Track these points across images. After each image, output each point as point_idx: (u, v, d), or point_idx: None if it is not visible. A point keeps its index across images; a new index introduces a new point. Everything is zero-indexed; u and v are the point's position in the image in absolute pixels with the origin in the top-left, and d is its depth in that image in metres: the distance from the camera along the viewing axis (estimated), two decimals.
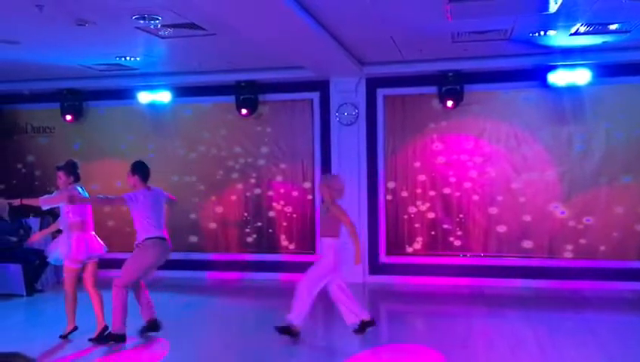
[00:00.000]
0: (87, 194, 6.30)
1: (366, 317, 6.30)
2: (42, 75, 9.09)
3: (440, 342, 6.06)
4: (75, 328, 6.24)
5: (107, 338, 6.09)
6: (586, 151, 8.44)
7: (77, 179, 6.26)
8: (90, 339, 6.09)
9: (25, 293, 8.33)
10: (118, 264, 6.34)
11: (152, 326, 6.35)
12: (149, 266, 6.21)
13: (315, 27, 6.02)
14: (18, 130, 10.30)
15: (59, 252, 6.20)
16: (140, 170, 6.28)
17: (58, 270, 9.24)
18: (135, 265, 6.10)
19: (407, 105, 8.96)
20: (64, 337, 6.21)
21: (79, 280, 6.29)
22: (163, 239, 6.18)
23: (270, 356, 5.87)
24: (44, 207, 6.25)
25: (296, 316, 6.15)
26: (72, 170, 6.25)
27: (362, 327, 6.26)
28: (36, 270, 8.57)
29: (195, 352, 6.00)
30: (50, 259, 6.40)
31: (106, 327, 6.12)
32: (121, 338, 6.08)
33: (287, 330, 6.15)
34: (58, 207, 6.28)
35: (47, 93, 9.88)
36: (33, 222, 9.25)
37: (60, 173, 6.24)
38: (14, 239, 8.57)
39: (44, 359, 5.63)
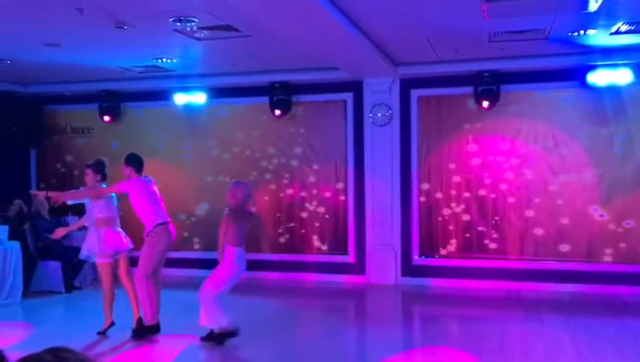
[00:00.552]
0: (114, 197, 6.40)
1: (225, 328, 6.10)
2: (82, 76, 9.31)
3: (475, 346, 5.98)
4: (112, 324, 6.35)
5: (142, 331, 6.18)
6: (626, 152, 8.23)
7: (104, 177, 6.42)
8: (132, 336, 6.20)
9: (64, 290, 8.52)
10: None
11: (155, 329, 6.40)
12: (162, 252, 6.24)
13: (350, 28, 6.01)
14: (58, 131, 10.56)
15: (89, 248, 6.33)
16: (134, 160, 6.39)
17: (95, 267, 9.46)
18: (149, 253, 6.15)
19: (441, 106, 8.87)
20: (102, 333, 6.33)
21: (115, 277, 6.40)
22: (165, 223, 6.26)
23: (300, 356, 5.87)
24: (69, 202, 6.43)
25: (211, 321, 6.03)
26: (100, 168, 6.42)
27: (215, 337, 6.04)
28: (75, 267, 8.76)
29: (227, 351, 6.05)
30: (82, 256, 6.53)
31: (140, 319, 6.24)
32: (154, 329, 6.19)
33: (210, 337, 6.07)
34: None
35: (86, 95, 10.10)
36: (72, 220, 9.45)
37: (89, 171, 6.43)
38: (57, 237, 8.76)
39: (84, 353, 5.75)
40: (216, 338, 6.05)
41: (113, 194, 6.38)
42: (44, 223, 8.81)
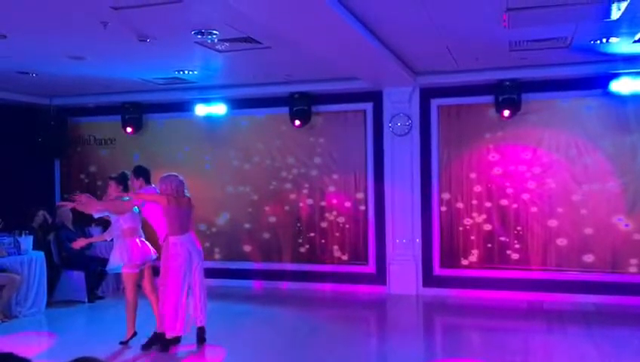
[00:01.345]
0: (137, 209, 6.46)
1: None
2: (105, 88, 9.45)
3: (497, 358, 5.91)
4: (135, 334, 6.40)
5: (163, 343, 6.20)
6: None
7: (125, 189, 6.49)
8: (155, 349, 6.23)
9: (87, 300, 8.61)
10: None
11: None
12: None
13: (370, 38, 6.03)
14: (82, 142, 10.72)
15: (118, 258, 6.39)
16: (144, 172, 6.52)
17: (118, 277, 9.55)
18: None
19: (462, 115, 8.83)
20: (124, 343, 6.38)
21: (139, 287, 6.46)
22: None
23: None
24: (95, 216, 6.50)
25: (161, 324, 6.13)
26: (123, 180, 6.53)
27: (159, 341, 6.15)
28: (98, 277, 8.86)
29: (250, 360, 6.06)
30: (109, 268, 6.58)
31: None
32: (175, 341, 6.20)
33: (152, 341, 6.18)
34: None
35: (109, 107, 10.25)
36: (95, 231, 9.57)
37: (112, 183, 6.54)
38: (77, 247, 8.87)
39: None
40: (161, 343, 6.10)
41: (136, 209, 6.45)
42: (68, 233, 8.93)
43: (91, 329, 7.74)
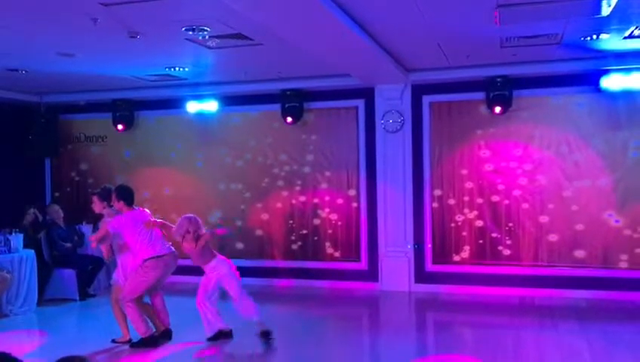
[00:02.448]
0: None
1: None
2: (95, 85, 9.40)
3: (489, 354, 5.93)
4: (130, 341, 6.35)
5: (139, 345, 6.21)
6: None
7: (110, 204, 6.39)
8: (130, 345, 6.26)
9: (78, 298, 8.57)
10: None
11: (166, 334, 6.46)
12: (151, 284, 6.25)
13: (362, 35, 6.02)
14: (72, 140, 10.66)
15: (123, 276, 6.36)
16: (125, 194, 6.32)
17: (110, 275, 9.51)
18: (136, 283, 6.15)
19: (453, 112, 8.85)
20: (117, 342, 6.35)
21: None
22: (161, 256, 6.21)
23: None
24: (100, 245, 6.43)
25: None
26: (106, 195, 6.42)
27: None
28: (89, 275, 8.82)
29: (242, 358, 6.05)
30: (114, 282, 6.55)
31: (130, 340, 6.31)
32: (152, 341, 6.21)
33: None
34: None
35: (100, 104, 10.19)
36: (86, 229, 9.53)
37: (95, 198, 6.48)
38: (69, 245, 8.84)
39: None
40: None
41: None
42: (59, 231, 8.88)
43: (83, 327, 7.71)
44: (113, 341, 6.36)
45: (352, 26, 5.67)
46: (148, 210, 6.55)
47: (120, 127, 10.11)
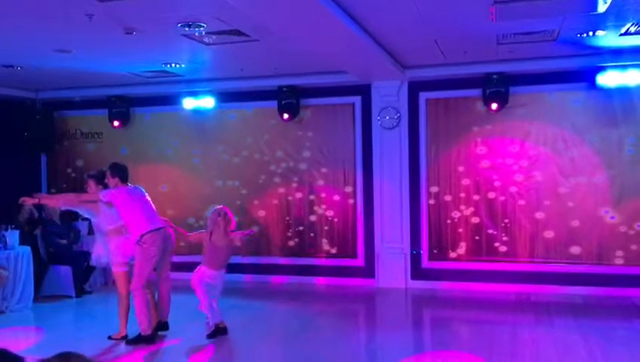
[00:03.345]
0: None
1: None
2: (91, 82, 9.37)
3: (485, 350, 5.95)
4: (126, 336, 6.34)
5: (136, 340, 6.21)
6: (636, 154, 8.17)
7: (105, 187, 6.36)
8: (126, 342, 6.25)
9: (74, 295, 8.55)
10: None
11: (162, 326, 6.49)
12: (156, 261, 6.23)
13: (358, 31, 6.02)
14: (68, 136, 10.63)
15: (97, 254, 6.41)
16: (119, 170, 6.33)
17: (106, 272, 9.50)
18: (141, 265, 6.13)
19: (450, 109, 8.85)
20: (113, 339, 6.34)
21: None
22: (158, 229, 6.22)
23: (310, 360, 5.87)
24: (62, 208, 6.49)
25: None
26: (102, 177, 6.40)
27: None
28: (85, 272, 8.81)
29: (239, 355, 6.06)
30: (93, 262, 6.59)
31: (126, 336, 6.32)
32: (149, 339, 6.19)
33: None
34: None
35: (96, 100, 10.16)
36: (82, 225, 9.51)
37: (90, 182, 6.45)
38: (64, 242, 8.82)
39: (94, 359, 5.78)
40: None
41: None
42: (55, 228, 8.87)
43: (79, 324, 7.70)
44: (109, 337, 6.35)
45: (349, 22, 5.67)
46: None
47: (116, 123, 10.09)
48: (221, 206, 6.54)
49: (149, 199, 6.43)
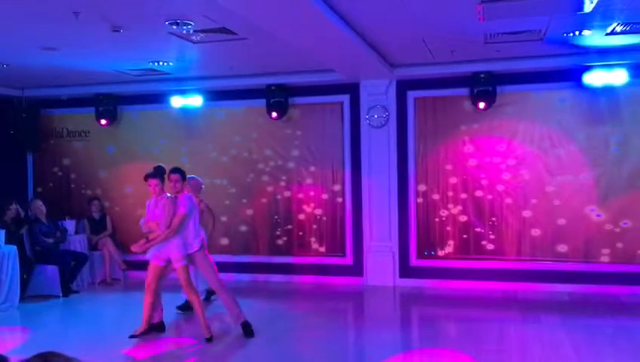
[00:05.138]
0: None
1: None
2: (78, 80, 9.30)
3: (473, 348, 5.99)
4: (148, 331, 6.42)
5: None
6: (622, 152, 8.25)
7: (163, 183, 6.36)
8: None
9: (61, 294, 8.49)
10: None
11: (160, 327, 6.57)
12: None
13: (346, 30, 6.02)
14: (55, 135, 10.54)
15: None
16: (184, 175, 6.49)
17: (94, 271, 9.45)
18: (209, 266, 6.40)
19: (438, 107, 8.89)
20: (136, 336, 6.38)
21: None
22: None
23: (299, 358, 5.87)
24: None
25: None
26: (162, 175, 6.35)
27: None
28: (72, 271, 8.75)
29: (226, 354, 6.05)
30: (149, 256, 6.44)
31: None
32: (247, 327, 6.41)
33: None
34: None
35: (83, 98, 10.08)
36: (69, 224, 9.45)
37: (154, 181, 6.28)
38: (51, 241, 8.76)
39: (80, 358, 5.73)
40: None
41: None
42: (41, 227, 8.80)
43: (66, 323, 7.65)
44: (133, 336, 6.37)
45: (337, 20, 5.66)
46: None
47: (103, 121, 10.01)
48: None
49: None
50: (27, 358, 1.62)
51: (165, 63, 8.11)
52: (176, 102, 9.61)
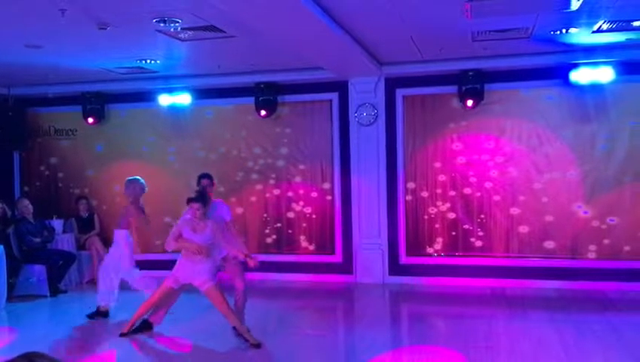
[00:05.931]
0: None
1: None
2: (65, 78, 9.22)
3: (461, 344, 6.01)
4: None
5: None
6: (609, 150, 8.32)
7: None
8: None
9: (49, 294, 8.43)
10: None
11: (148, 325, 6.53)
12: None
13: (335, 28, 6.02)
14: (41, 133, 10.45)
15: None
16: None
17: (82, 271, 9.39)
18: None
19: (426, 105, 8.91)
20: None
21: None
22: None
23: (289, 356, 5.88)
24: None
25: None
26: (205, 200, 6.35)
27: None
28: (60, 271, 8.68)
29: (215, 351, 6.03)
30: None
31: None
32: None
33: (97, 314, 6.99)
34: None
35: (70, 96, 10.00)
36: (57, 223, 9.38)
37: (198, 206, 6.21)
38: (38, 240, 8.69)
39: (68, 359, 5.71)
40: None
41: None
42: (28, 227, 8.72)
43: (54, 323, 7.59)
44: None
45: (325, 18, 5.66)
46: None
47: (90, 120, 9.95)
48: None
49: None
50: (11, 358, 1.61)
51: (153, 61, 8.07)
52: (165, 100, 9.57)
